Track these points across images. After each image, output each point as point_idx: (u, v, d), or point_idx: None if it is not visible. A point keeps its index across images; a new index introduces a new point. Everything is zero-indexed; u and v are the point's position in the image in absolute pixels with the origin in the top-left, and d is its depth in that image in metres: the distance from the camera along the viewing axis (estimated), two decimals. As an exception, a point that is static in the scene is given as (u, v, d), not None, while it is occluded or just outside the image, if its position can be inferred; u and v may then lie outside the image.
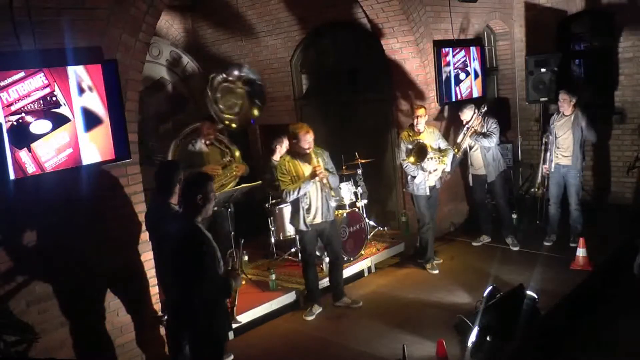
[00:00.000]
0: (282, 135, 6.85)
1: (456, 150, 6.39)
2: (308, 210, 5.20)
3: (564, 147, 6.36)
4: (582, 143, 6.32)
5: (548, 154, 6.47)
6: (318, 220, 5.25)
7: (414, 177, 6.00)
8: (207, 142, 5.93)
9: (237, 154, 6.11)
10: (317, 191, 5.18)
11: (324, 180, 5.08)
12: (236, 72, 5.97)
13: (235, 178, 5.97)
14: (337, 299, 5.51)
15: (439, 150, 6.08)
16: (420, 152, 5.83)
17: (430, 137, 6.04)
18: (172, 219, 3.63)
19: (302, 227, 5.23)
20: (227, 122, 5.99)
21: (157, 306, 4.43)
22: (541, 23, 8.19)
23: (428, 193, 6.05)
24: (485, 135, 6.34)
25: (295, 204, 5.21)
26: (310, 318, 5.30)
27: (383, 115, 7.49)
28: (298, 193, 5.06)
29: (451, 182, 6.97)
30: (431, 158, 5.94)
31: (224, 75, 5.96)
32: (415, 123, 5.98)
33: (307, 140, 5.02)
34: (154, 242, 4.19)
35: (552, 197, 6.57)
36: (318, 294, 5.46)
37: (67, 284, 3.92)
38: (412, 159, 5.84)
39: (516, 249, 6.55)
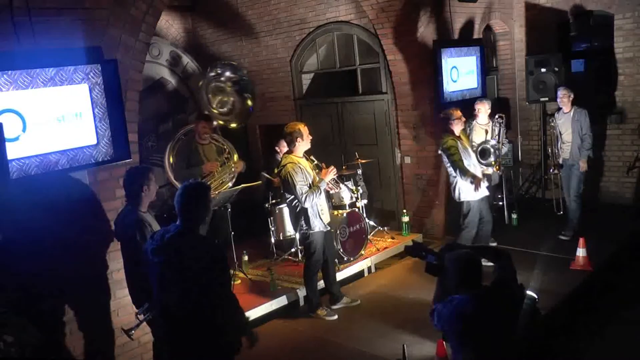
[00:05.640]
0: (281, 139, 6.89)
1: (497, 168, 6.47)
2: (322, 211, 5.19)
3: (567, 142, 6.61)
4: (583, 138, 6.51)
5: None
6: (328, 220, 5.28)
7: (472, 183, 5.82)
8: (203, 141, 5.94)
9: (234, 151, 6.09)
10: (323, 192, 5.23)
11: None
12: (227, 74, 6.01)
13: (234, 174, 5.96)
14: (334, 302, 5.47)
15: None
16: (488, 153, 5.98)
17: (468, 139, 6.17)
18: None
19: (322, 227, 5.14)
20: (223, 122, 6.01)
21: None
22: (541, 23, 8.20)
23: (488, 193, 6.08)
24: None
25: (305, 208, 5.09)
26: (335, 317, 5.28)
27: (383, 115, 7.49)
28: (319, 194, 5.05)
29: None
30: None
31: (214, 75, 6.02)
32: (457, 126, 5.87)
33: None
34: (123, 248, 4.01)
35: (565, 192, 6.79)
36: (318, 298, 5.44)
37: (67, 284, 3.92)
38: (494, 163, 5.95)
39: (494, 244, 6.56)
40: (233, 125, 6.25)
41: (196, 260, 3.12)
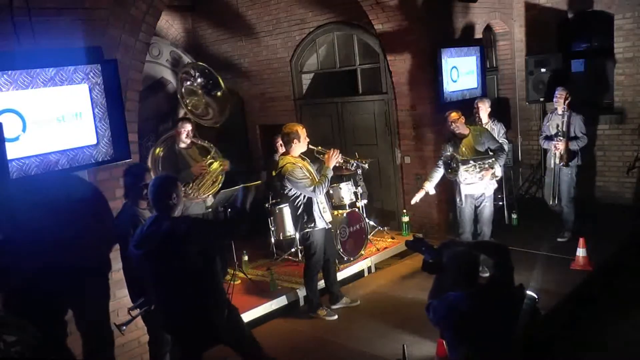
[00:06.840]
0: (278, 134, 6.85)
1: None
2: (324, 209, 5.18)
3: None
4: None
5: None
6: (329, 218, 5.27)
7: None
8: (184, 144, 5.73)
9: (218, 152, 5.96)
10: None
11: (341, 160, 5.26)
12: (191, 71, 6.04)
13: (223, 172, 5.87)
14: (334, 302, 5.47)
15: (489, 152, 5.60)
16: (451, 164, 5.49)
17: (476, 140, 5.55)
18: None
19: (322, 224, 5.12)
20: (204, 123, 5.99)
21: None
22: (541, 23, 8.20)
23: (465, 203, 5.68)
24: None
25: (308, 205, 5.07)
26: (335, 317, 5.27)
27: (383, 115, 7.50)
28: (328, 182, 5.04)
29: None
30: (468, 169, 5.41)
31: (184, 76, 6.03)
32: (456, 128, 5.58)
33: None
34: (122, 246, 4.00)
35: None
36: (318, 299, 5.43)
37: (66, 284, 3.92)
38: (449, 171, 5.50)
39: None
40: (209, 121, 6.25)
41: (182, 241, 3.21)
